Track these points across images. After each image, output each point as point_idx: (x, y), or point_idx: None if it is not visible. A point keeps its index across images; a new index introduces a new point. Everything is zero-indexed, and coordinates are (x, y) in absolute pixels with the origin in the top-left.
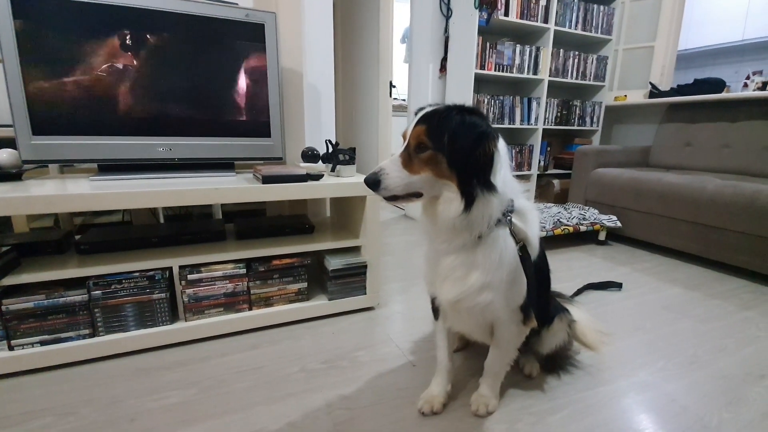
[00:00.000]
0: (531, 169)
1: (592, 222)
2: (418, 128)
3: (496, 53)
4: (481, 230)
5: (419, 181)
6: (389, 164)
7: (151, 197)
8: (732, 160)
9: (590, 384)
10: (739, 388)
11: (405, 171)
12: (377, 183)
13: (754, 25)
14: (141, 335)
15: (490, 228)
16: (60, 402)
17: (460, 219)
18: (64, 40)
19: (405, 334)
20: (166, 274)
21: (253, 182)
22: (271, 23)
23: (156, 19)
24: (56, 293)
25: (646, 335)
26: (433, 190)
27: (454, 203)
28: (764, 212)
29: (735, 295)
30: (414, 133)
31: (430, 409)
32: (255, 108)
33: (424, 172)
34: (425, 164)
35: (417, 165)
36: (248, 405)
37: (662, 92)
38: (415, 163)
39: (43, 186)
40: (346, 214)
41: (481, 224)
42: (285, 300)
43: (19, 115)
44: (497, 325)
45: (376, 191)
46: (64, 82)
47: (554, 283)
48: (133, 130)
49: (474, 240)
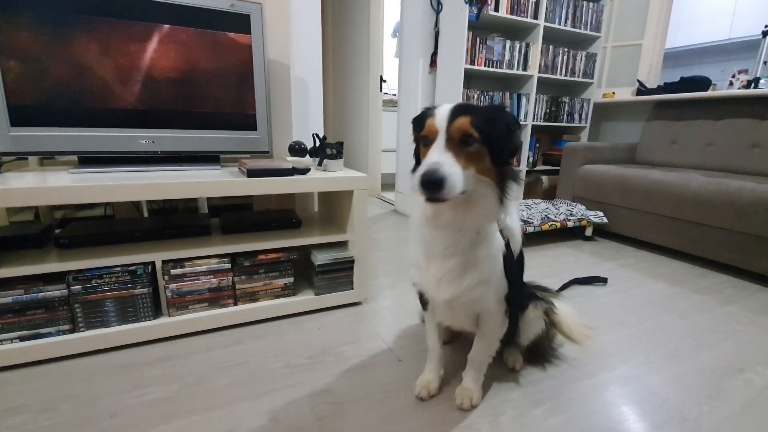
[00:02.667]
0: (520, 165)
1: (580, 218)
2: (463, 119)
3: (486, 49)
4: (487, 226)
5: (466, 178)
6: (442, 157)
7: (132, 190)
8: (716, 157)
9: (574, 377)
10: (719, 382)
11: (458, 166)
12: (442, 182)
13: (740, 24)
14: (122, 331)
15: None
16: (39, 398)
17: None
18: (43, 28)
19: (392, 329)
20: (149, 268)
21: (238, 176)
22: (257, 14)
23: (139, 8)
24: (35, 288)
25: (630, 329)
26: (471, 186)
27: (489, 199)
28: (746, 209)
29: (717, 290)
30: (458, 125)
31: (428, 393)
32: (241, 100)
33: (470, 167)
34: (471, 159)
35: (464, 159)
36: (231, 401)
37: (649, 90)
38: (461, 156)
39: (22, 179)
40: (334, 209)
41: (492, 221)
42: (271, 295)
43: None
44: (485, 315)
45: (438, 194)
46: (43, 72)
47: (541, 278)
48: (115, 122)
49: (474, 238)
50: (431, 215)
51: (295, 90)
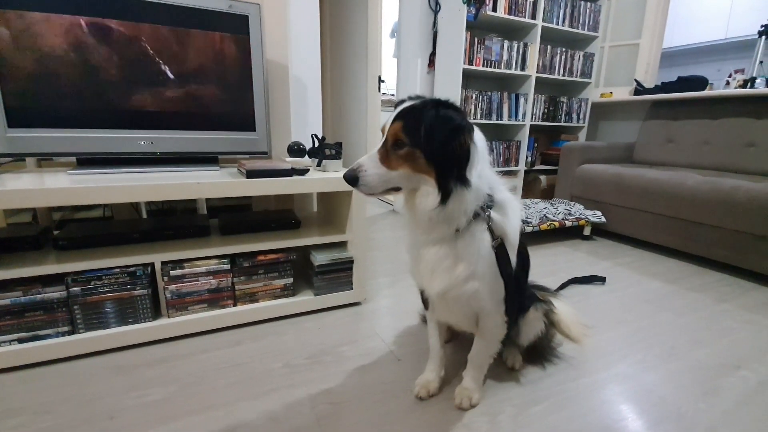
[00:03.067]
0: (518, 164)
1: (578, 217)
2: (396, 125)
3: (484, 49)
4: (459, 224)
5: (397, 177)
6: (367, 161)
7: (130, 191)
8: (712, 156)
9: (572, 375)
10: (715, 379)
11: (383, 167)
12: (356, 179)
13: (736, 24)
14: (121, 332)
15: (468, 221)
16: (37, 400)
17: (437, 212)
18: (41, 29)
19: (391, 329)
20: (148, 270)
21: (237, 177)
22: (255, 14)
23: (138, 9)
24: (34, 290)
25: (627, 328)
26: (411, 184)
27: (430, 197)
28: (741, 208)
29: (713, 289)
30: (391, 130)
31: (427, 393)
32: (239, 101)
33: (401, 167)
34: (403, 160)
35: (395, 161)
36: (230, 401)
37: (647, 89)
38: (392, 158)
39: (20, 180)
40: (333, 210)
41: (458, 218)
42: (270, 296)
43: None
44: (482, 315)
45: (356, 187)
46: (41, 73)
47: (540, 277)
48: (113, 123)
49: (452, 233)
50: (403, 203)
51: (294, 90)
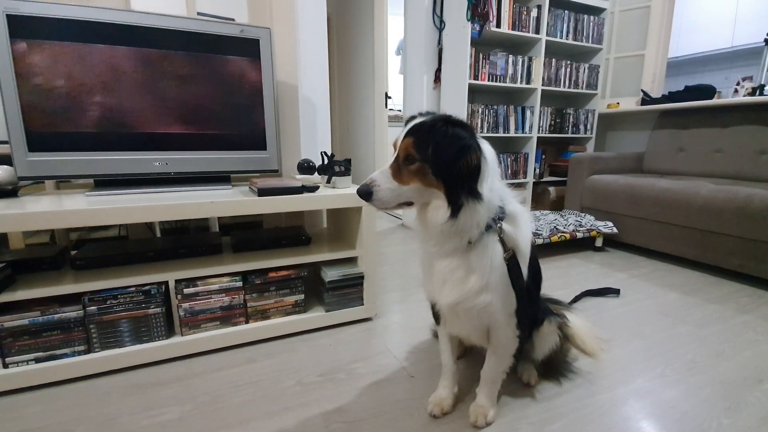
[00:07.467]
0: (526, 177)
1: (589, 228)
2: (407, 141)
3: (489, 64)
4: (471, 236)
5: (409, 191)
6: (380, 176)
7: (147, 211)
8: (725, 164)
9: (589, 391)
10: (738, 393)
11: (395, 182)
12: (369, 194)
13: (742, 31)
14: (136, 351)
15: (481, 234)
16: (54, 420)
17: (448, 225)
18: (61, 57)
19: (403, 345)
20: (162, 288)
21: (249, 195)
22: (266, 38)
23: (153, 37)
24: (51, 309)
25: (645, 341)
26: (423, 198)
27: (441, 210)
28: (757, 216)
29: (732, 299)
30: (402, 146)
31: (441, 411)
32: (250, 121)
33: (413, 182)
34: (414, 175)
35: (406, 176)
36: (244, 420)
37: (654, 99)
38: (404, 173)
39: (39, 202)
40: (343, 226)
41: (470, 230)
42: (282, 312)
43: (15, 132)
44: (494, 328)
45: (369, 202)
46: (61, 99)
47: (552, 290)
48: (129, 145)
49: (464, 245)
50: (416, 217)
51: (303, 109)
